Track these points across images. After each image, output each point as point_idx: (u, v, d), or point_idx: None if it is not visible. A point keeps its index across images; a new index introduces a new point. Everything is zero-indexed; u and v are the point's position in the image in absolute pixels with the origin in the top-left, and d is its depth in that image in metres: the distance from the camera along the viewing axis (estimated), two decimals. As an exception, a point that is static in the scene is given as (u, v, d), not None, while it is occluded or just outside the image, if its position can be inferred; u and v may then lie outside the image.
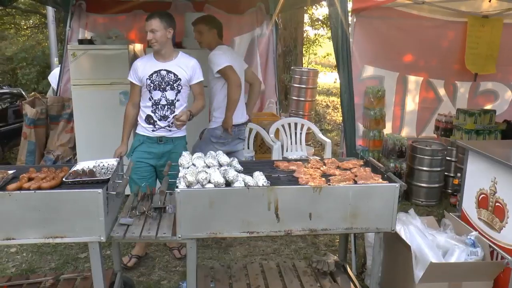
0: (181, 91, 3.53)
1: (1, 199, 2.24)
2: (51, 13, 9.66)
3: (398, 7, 5.29)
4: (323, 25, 15.13)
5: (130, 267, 3.72)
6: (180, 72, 3.49)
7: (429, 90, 5.87)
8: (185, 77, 3.51)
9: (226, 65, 3.80)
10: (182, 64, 3.52)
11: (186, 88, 3.55)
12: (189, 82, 3.53)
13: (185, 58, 3.56)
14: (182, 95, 3.55)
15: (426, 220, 3.44)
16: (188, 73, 3.51)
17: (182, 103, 3.56)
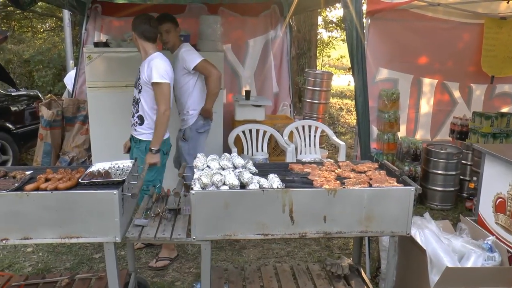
0: (141, 90, 3.52)
1: (19, 199, 2.27)
2: (67, 16, 9.77)
3: (413, 9, 5.26)
4: (337, 27, 15.10)
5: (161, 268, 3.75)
6: (142, 70, 3.50)
7: (444, 93, 5.82)
8: (143, 77, 3.47)
9: (202, 59, 3.84)
10: (146, 62, 3.49)
11: (148, 88, 3.48)
12: (148, 81, 3.44)
13: (151, 57, 3.50)
14: (144, 96, 3.51)
15: (441, 224, 3.41)
16: (145, 73, 3.45)
17: (145, 105, 3.52)
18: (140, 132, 3.61)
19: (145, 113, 3.55)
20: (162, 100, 3.41)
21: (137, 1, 5.65)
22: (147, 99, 3.51)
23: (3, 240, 2.30)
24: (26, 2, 4.30)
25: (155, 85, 3.40)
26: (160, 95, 3.41)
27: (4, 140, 6.17)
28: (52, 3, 7.42)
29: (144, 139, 3.59)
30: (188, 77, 3.92)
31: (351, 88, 14.22)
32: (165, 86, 3.42)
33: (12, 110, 6.45)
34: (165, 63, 3.47)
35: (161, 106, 3.42)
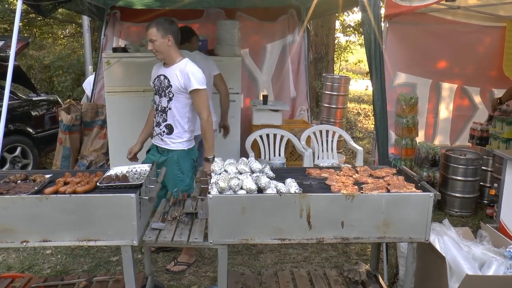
0: (172, 98, 3.41)
1: (38, 202, 2.30)
2: (86, 22, 9.91)
3: (432, 12, 5.22)
4: (354, 31, 15.03)
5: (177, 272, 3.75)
6: (173, 78, 3.37)
7: (463, 98, 5.75)
8: (176, 84, 3.36)
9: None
10: (178, 70, 3.38)
11: (181, 96, 3.40)
12: (184, 89, 3.36)
13: (183, 64, 3.40)
14: (176, 104, 3.42)
15: (461, 231, 3.35)
16: (180, 80, 3.35)
17: (177, 113, 3.44)
18: (168, 142, 3.51)
19: (175, 122, 3.46)
20: (204, 106, 3.38)
21: (155, 6, 5.72)
22: (179, 108, 3.42)
23: (23, 242, 2.33)
24: (47, 9, 4.38)
25: (194, 92, 3.34)
26: (201, 101, 3.37)
27: (25, 144, 6.26)
28: (72, 10, 7.55)
29: (174, 149, 3.49)
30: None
31: (369, 93, 14.14)
32: (205, 92, 3.38)
33: (32, 115, 6.55)
34: (199, 68, 3.40)
35: (204, 113, 3.38)
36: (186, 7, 5.69)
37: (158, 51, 3.37)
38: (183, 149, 3.51)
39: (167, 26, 3.36)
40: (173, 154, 3.50)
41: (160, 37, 3.33)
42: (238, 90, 5.30)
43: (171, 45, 3.38)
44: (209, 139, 3.43)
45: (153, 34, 3.33)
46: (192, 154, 3.56)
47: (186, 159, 3.53)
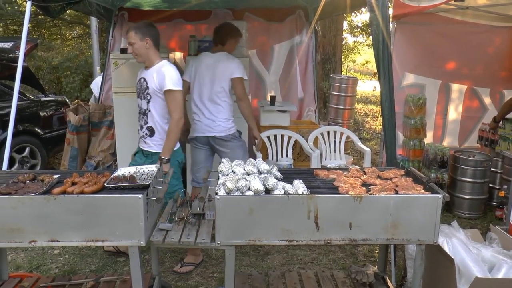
0: (150, 100, 3.42)
1: (46, 202, 2.30)
2: (94, 24, 9.96)
3: (441, 12, 5.18)
4: (362, 32, 14.99)
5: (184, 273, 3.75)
6: (150, 80, 3.39)
7: (473, 99, 5.70)
8: (153, 86, 3.38)
9: None
10: (155, 71, 3.39)
11: (158, 97, 3.40)
12: (160, 90, 3.36)
13: (160, 65, 3.41)
14: (154, 106, 3.43)
15: (470, 233, 3.32)
16: (156, 81, 3.36)
17: (156, 115, 3.44)
18: (151, 145, 3.53)
19: (156, 124, 3.47)
20: (176, 107, 3.36)
21: (162, 7, 5.72)
22: (158, 109, 3.44)
23: (32, 242, 2.34)
24: (56, 10, 4.40)
25: (168, 93, 3.34)
26: (174, 102, 3.35)
27: (33, 145, 6.30)
28: (81, 11, 7.59)
29: (158, 151, 3.48)
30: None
31: (376, 94, 14.09)
32: (179, 93, 3.37)
33: (41, 116, 6.59)
34: (175, 70, 3.41)
35: (175, 114, 3.36)
36: (193, 8, 5.68)
37: (137, 54, 3.42)
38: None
39: (145, 29, 3.40)
40: (156, 156, 3.48)
41: (139, 40, 3.37)
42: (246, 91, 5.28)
43: (150, 47, 3.41)
44: (171, 141, 3.39)
45: (132, 37, 3.38)
46: (177, 156, 3.53)
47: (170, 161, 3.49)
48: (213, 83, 3.97)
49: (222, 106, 4.01)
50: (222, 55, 4.02)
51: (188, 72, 4.13)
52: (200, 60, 4.09)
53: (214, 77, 3.97)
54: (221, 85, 3.98)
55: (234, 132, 4.08)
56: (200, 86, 4.02)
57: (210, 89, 3.99)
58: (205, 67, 4.01)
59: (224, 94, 4.01)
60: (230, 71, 3.97)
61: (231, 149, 4.00)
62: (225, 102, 4.03)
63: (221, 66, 3.96)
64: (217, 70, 3.97)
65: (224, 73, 3.96)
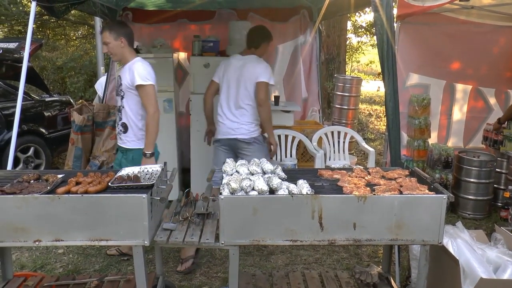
0: (124, 97, 3.46)
1: (51, 201, 2.31)
2: (99, 24, 9.98)
3: (445, 12, 5.17)
4: (366, 32, 14.96)
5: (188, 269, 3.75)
6: (124, 76, 3.44)
7: (478, 99, 5.68)
8: (125, 82, 3.42)
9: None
10: (127, 68, 3.44)
11: (131, 93, 3.43)
12: (132, 86, 3.39)
13: (133, 62, 3.44)
14: (128, 102, 3.46)
15: (474, 234, 3.30)
16: (128, 77, 3.40)
17: (129, 111, 3.47)
18: (125, 141, 3.55)
19: (129, 120, 3.49)
20: (149, 102, 3.38)
21: (166, 7, 5.75)
22: (131, 105, 3.46)
23: (36, 242, 2.35)
24: (60, 11, 4.41)
25: (139, 88, 3.37)
26: (146, 97, 3.38)
27: (38, 145, 6.33)
28: (85, 11, 7.61)
29: (130, 148, 3.52)
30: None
31: (380, 94, 14.06)
32: (150, 87, 3.39)
33: (45, 116, 6.62)
34: (146, 66, 3.44)
35: (150, 108, 3.38)
36: (197, 8, 5.71)
37: (112, 53, 3.46)
38: (139, 147, 3.50)
39: (120, 29, 3.47)
40: (129, 153, 3.52)
41: (113, 40, 3.41)
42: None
43: (124, 46, 3.45)
44: (151, 135, 3.41)
45: (106, 37, 3.41)
46: None
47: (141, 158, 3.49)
48: (239, 85, 3.96)
49: (246, 109, 3.99)
50: (252, 58, 4.01)
51: (218, 73, 4.14)
52: (229, 61, 4.09)
53: (240, 80, 3.96)
54: (247, 88, 3.95)
55: (257, 135, 4.05)
56: (227, 88, 4.02)
57: (236, 92, 3.98)
58: (233, 68, 4.01)
59: (249, 97, 3.98)
60: (256, 74, 3.94)
61: (252, 152, 3.95)
62: (250, 106, 4.00)
63: (249, 69, 3.95)
64: (245, 72, 3.95)
65: (251, 76, 3.94)
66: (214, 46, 5.21)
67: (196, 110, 5.25)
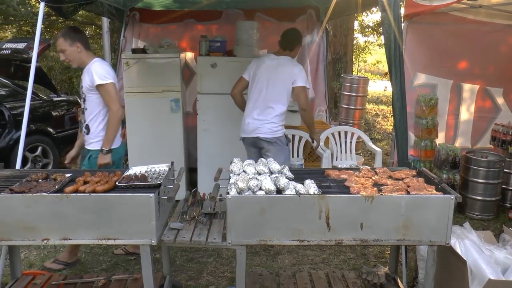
0: (86, 99, 3.50)
1: (59, 200, 2.33)
2: (106, 24, 9.98)
3: (453, 11, 5.13)
4: (373, 32, 14.92)
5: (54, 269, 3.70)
6: (84, 79, 3.47)
7: (486, 99, 5.64)
8: (85, 84, 3.45)
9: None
10: (86, 70, 3.47)
11: (92, 95, 3.46)
12: (92, 87, 3.42)
13: (91, 63, 3.47)
14: (89, 104, 3.50)
15: (482, 235, 3.28)
16: (87, 79, 3.43)
17: (91, 113, 3.50)
18: (88, 142, 3.58)
19: (91, 121, 3.52)
20: (111, 100, 3.42)
21: (173, 8, 5.76)
22: (93, 107, 3.49)
23: (44, 240, 2.37)
24: (68, 11, 4.44)
25: (100, 88, 3.39)
26: (108, 95, 3.41)
27: (46, 144, 6.36)
28: (92, 11, 7.63)
29: (91, 149, 3.55)
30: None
31: (387, 94, 14.00)
32: (110, 85, 3.42)
33: (53, 115, 6.65)
34: (104, 65, 3.48)
35: (112, 106, 3.41)
36: (204, 8, 5.71)
37: (70, 59, 3.50)
38: (99, 149, 3.52)
39: (73, 35, 3.49)
40: (90, 153, 3.54)
41: (69, 46, 3.44)
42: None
43: (81, 51, 3.49)
44: (111, 131, 3.44)
45: (62, 44, 3.45)
46: (112, 155, 3.53)
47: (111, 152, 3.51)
48: (271, 85, 3.96)
49: (274, 109, 3.98)
50: (286, 59, 4.02)
51: (248, 71, 4.15)
52: (262, 60, 4.09)
53: (273, 80, 3.96)
54: (279, 88, 3.96)
55: (280, 136, 4.04)
56: (257, 86, 4.02)
57: (266, 91, 3.98)
58: (266, 67, 4.00)
59: (280, 98, 3.98)
60: (293, 78, 3.94)
61: (274, 152, 3.96)
62: (279, 106, 4.00)
63: (284, 70, 3.96)
64: (279, 73, 3.95)
65: (286, 78, 3.94)
66: (221, 46, 5.22)
67: (203, 110, 5.27)
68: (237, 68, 4.80)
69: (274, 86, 3.95)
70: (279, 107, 3.99)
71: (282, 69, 3.96)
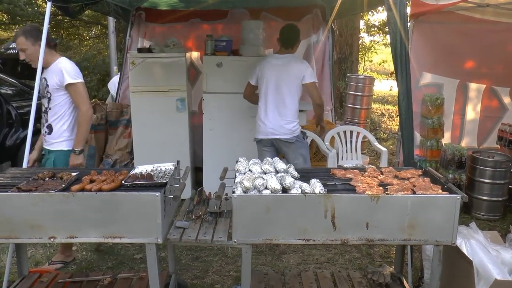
0: (51, 98, 3.43)
1: (65, 199, 2.34)
2: (112, 24, 10.06)
3: (460, 11, 5.11)
4: (379, 31, 14.88)
5: None
6: (50, 78, 3.41)
7: (492, 98, 5.61)
8: (52, 83, 3.38)
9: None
10: (53, 69, 3.41)
11: (58, 94, 3.41)
12: (60, 86, 3.38)
13: (58, 62, 3.43)
14: (54, 103, 3.44)
15: (489, 235, 3.27)
16: (55, 78, 3.37)
17: (56, 112, 3.45)
18: (49, 143, 3.53)
19: (54, 121, 3.48)
20: (81, 99, 3.39)
21: (179, 7, 5.77)
22: (58, 106, 3.45)
23: (51, 238, 2.38)
24: (75, 11, 4.46)
25: (69, 87, 3.36)
26: (78, 95, 3.39)
27: (52, 143, 6.38)
28: (99, 11, 7.67)
29: (53, 149, 3.50)
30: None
31: (393, 93, 13.96)
32: (80, 85, 3.40)
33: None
34: (72, 64, 3.44)
35: (82, 106, 3.39)
36: (210, 7, 5.73)
37: (32, 59, 3.41)
38: (62, 149, 3.50)
39: (35, 33, 3.40)
40: (51, 154, 3.49)
41: (31, 45, 3.37)
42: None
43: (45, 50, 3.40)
44: (82, 132, 3.42)
45: (23, 43, 3.36)
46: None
47: (63, 160, 3.48)
48: (283, 84, 3.99)
49: (289, 108, 4.02)
50: (290, 57, 4.07)
51: (253, 75, 4.19)
52: (266, 61, 4.13)
53: (283, 79, 4.00)
54: (290, 87, 3.99)
55: (298, 134, 4.10)
56: (268, 87, 4.04)
57: (277, 91, 4.01)
58: (272, 68, 4.04)
59: (292, 96, 4.02)
60: (301, 74, 3.99)
61: (294, 150, 4.06)
62: (292, 104, 4.04)
63: (292, 68, 4.01)
64: (288, 71, 4.00)
65: (295, 76, 4.00)
66: (227, 45, 5.22)
67: (208, 109, 5.27)
68: (243, 68, 4.81)
69: (285, 85, 3.99)
70: (293, 105, 4.04)
71: (290, 67, 4.00)
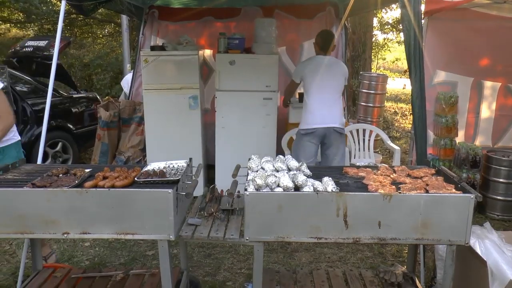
0: None
1: (79, 195, 2.36)
2: (125, 22, 10.12)
3: (475, 7, 5.03)
4: (392, 29, 14.76)
5: None
6: None
7: (508, 97, 5.53)
8: None
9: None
10: None
11: None
12: None
13: None
14: None
15: (503, 235, 3.22)
16: None
17: None
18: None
19: None
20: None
21: (192, 5, 5.78)
22: None
23: (65, 234, 2.40)
24: (89, 9, 4.49)
25: None
26: None
27: (65, 140, 6.46)
28: (112, 9, 7.73)
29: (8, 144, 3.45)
30: None
31: (406, 92, 13.85)
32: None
33: (73, 112, 6.75)
34: None
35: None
36: (223, 5, 5.73)
37: None
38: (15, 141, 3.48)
39: None
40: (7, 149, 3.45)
41: None
42: (275, 88, 5.28)
43: None
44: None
45: None
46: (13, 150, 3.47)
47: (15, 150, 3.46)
48: (333, 80, 4.40)
49: (340, 103, 4.46)
50: (332, 58, 4.64)
51: (297, 74, 4.55)
52: (312, 60, 4.53)
53: (332, 76, 4.39)
54: (338, 84, 4.44)
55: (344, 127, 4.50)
56: (320, 82, 4.34)
57: (330, 85, 4.39)
58: (320, 66, 4.38)
59: (340, 92, 4.47)
60: (345, 74, 4.53)
61: (338, 142, 4.41)
62: (341, 100, 4.48)
63: (338, 67, 4.49)
64: (335, 70, 4.44)
65: (341, 75, 4.48)
66: (240, 43, 5.22)
67: (221, 107, 5.28)
68: (256, 65, 4.80)
69: (335, 81, 4.41)
70: (341, 101, 4.50)
71: (336, 66, 4.47)
